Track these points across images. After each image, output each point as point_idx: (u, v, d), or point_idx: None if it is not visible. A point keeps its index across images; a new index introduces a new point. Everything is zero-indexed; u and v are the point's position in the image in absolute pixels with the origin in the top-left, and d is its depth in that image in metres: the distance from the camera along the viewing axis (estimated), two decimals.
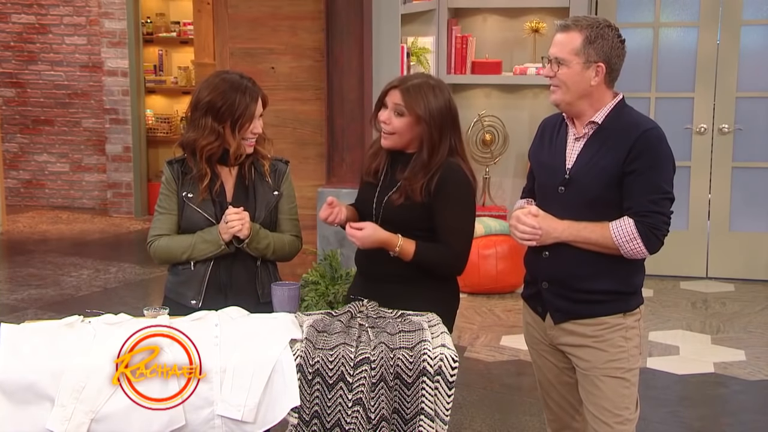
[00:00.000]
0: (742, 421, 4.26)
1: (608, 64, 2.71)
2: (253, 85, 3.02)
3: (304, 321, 2.76)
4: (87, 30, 8.66)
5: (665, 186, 2.71)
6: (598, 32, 2.69)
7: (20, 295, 6.15)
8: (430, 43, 6.07)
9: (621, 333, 2.81)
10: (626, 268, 2.78)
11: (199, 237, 2.99)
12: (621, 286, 2.79)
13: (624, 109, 2.79)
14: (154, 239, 3.04)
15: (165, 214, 3.05)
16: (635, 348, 2.84)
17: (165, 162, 3.10)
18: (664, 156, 2.72)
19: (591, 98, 2.74)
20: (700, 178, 6.33)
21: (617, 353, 2.81)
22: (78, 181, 8.93)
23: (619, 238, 2.68)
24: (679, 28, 6.34)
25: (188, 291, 3.02)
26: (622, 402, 2.83)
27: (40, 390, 2.44)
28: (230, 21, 5.48)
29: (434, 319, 2.79)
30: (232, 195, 3.05)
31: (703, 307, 5.85)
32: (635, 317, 2.84)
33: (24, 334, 2.64)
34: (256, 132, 3.00)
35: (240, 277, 3.04)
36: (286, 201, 3.12)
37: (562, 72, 2.72)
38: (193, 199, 3.01)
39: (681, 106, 6.30)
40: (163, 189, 3.06)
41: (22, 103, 8.87)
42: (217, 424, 2.48)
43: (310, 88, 5.42)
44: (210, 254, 2.99)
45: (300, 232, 3.17)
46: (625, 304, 2.81)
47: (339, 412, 2.53)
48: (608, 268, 2.76)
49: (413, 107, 2.88)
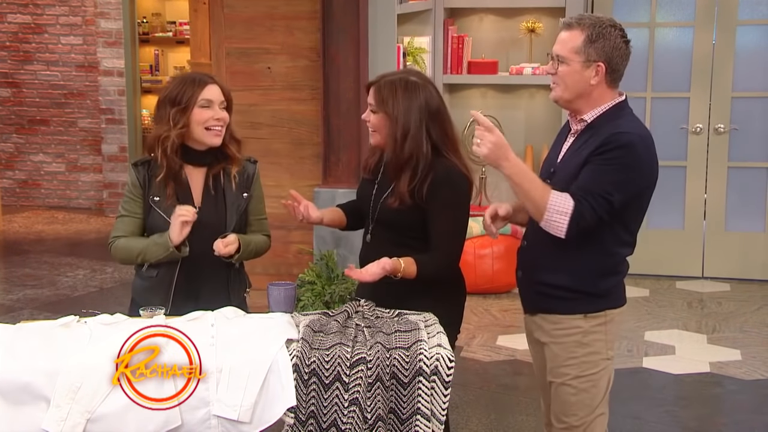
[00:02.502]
0: (738, 420, 4.26)
1: (609, 64, 2.69)
2: (206, 75, 3.05)
3: (301, 321, 2.76)
4: (83, 30, 8.64)
5: (609, 188, 2.61)
6: (600, 31, 2.67)
7: (16, 295, 6.14)
8: (426, 43, 6.08)
9: (576, 337, 2.76)
10: (593, 267, 2.73)
11: (151, 240, 2.98)
12: (582, 285, 2.74)
13: (620, 111, 2.74)
14: (114, 240, 3.05)
15: (128, 217, 3.03)
16: (594, 355, 2.76)
17: (130, 164, 3.07)
18: (628, 162, 2.62)
19: (590, 97, 2.73)
20: (695, 178, 6.34)
21: (566, 359, 2.77)
22: (74, 181, 8.91)
23: (553, 205, 2.61)
24: (674, 28, 6.35)
25: (154, 297, 2.98)
26: (566, 409, 2.80)
27: (36, 390, 2.44)
28: (226, 21, 5.48)
29: (431, 318, 2.79)
30: (200, 200, 3.02)
31: (699, 306, 5.85)
32: (598, 321, 2.76)
33: (20, 334, 2.64)
34: (218, 118, 2.96)
35: (210, 282, 3.03)
36: (255, 202, 3.12)
37: (562, 69, 2.71)
38: (160, 203, 2.98)
39: (677, 106, 6.31)
40: (127, 192, 3.04)
41: (17, 103, 8.86)
42: (213, 424, 2.48)
43: (306, 88, 5.42)
44: (161, 257, 2.95)
45: (269, 230, 3.18)
46: (585, 305, 2.75)
47: (335, 412, 2.53)
48: (572, 265, 2.73)
49: (382, 105, 2.90)
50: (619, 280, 2.81)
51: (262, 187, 3.17)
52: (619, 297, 2.83)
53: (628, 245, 2.80)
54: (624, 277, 2.85)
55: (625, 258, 2.83)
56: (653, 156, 2.72)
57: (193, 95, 2.95)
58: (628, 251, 2.81)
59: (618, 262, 2.79)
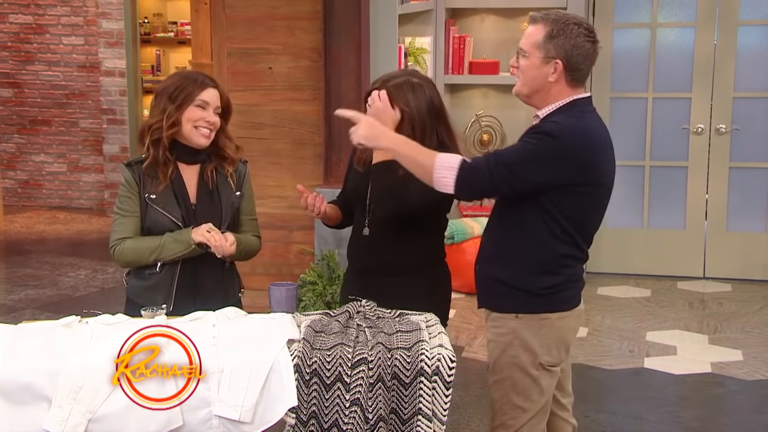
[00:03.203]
0: (739, 420, 4.26)
1: (568, 62, 2.63)
2: (209, 78, 3.06)
3: (302, 321, 2.76)
4: (84, 30, 8.65)
5: (516, 160, 2.56)
6: (561, 28, 2.61)
7: (17, 295, 6.14)
8: (427, 44, 6.08)
9: (507, 338, 2.71)
10: (528, 262, 2.68)
11: (169, 237, 2.98)
12: (517, 280, 2.69)
13: (572, 109, 2.65)
14: (118, 242, 3.01)
15: (127, 217, 3.02)
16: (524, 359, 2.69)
17: (122, 164, 3.07)
18: (549, 147, 2.55)
19: (548, 94, 2.67)
20: (697, 179, 6.34)
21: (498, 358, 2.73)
22: (75, 181, 8.92)
23: (440, 162, 2.59)
24: (676, 28, 6.34)
25: (157, 295, 2.99)
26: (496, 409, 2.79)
27: (37, 390, 2.44)
28: (228, 21, 5.48)
29: (432, 319, 2.79)
30: (195, 196, 3.04)
31: (700, 307, 5.85)
32: (531, 324, 2.69)
33: (21, 334, 2.64)
34: (209, 121, 2.99)
35: (207, 279, 3.05)
36: (247, 201, 3.14)
37: (522, 63, 2.68)
38: (156, 200, 2.99)
39: (678, 107, 6.30)
40: (122, 191, 3.03)
41: (19, 104, 8.86)
42: (214, 424, 2.48)
43: (307, 88, 5.42)
44: (178, 255, 2.97)
45: (259, 231, 3.19)
46: (517, 304, 2.70)
47: (336, 412, 2.53)
48: (509, 258, 2.69)
49: (395, 104, 2.92)
50: (559, 283, 2.70)
51: (263, 188, 3.18)
52: (560, 301, 2.72)
53: (569, 245, 2.68)
54: (570, 282, 2.72)
55: (571, 261, 2.71)
56: (595, 156, 2.63)
57: (192, 93, 2.97)
58: (570, 251, 2.69)
59: (556, 260, 2.68)
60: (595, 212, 2.72)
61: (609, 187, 2.72)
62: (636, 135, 6.34)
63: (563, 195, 2.61)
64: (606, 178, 2.69)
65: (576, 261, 2.74)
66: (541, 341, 2.72)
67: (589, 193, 2.65)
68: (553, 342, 2.73)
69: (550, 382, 2.77)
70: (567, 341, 2.78)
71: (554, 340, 2.73)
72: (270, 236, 3.29)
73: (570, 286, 2.74)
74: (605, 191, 2.71)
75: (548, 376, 2.76)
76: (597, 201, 2.70)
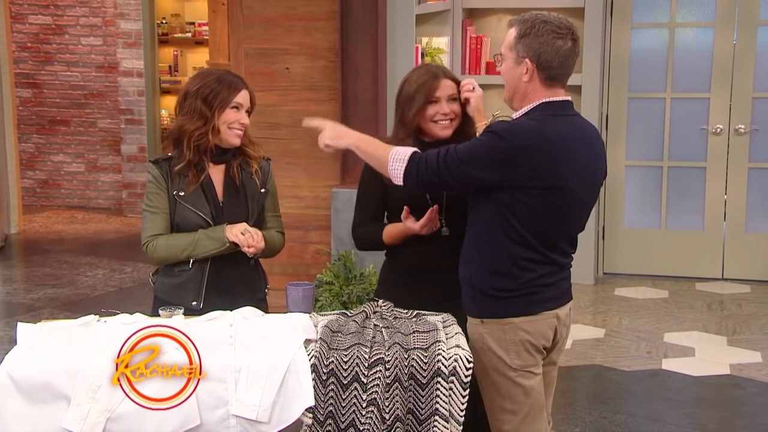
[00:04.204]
0: (758, 423, 4.23)
1: (537, 61, 2.61)
2: (240, 79, 3.10)
3: (319, 321, 2.76)
4: (103, 31, 8.69)
5: (462, 152, 2.58)
6: (530, 27, 2.62)
7: (36, 294, 6.18)
8: (444, 44, 6.07)
9: (479, 344, 2.69)
10: (487, 262, 2.66)
11: (202, 234, 3.00)
12: (477, 282, 2.68)
13: (542, 111, 2.62)
14: (151, 239, 3.03)
15: (157, 214, 3.04)
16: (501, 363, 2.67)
17: (149, 162, 3.10)
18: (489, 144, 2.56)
19: (524, 95, 2.66)
20: (715, 179, 6.30)
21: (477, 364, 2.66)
22: (93, 181, 8.97)
23: (393, 154, 2.66)
24: (695, 28, 6.31)
25: (187, 293, 3.03)
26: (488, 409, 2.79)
27: (56, 389, 2.45)
28: (245, 21, 5.49)
29: (449, 319, 2.79)
30: (222, 193, 3.07)
31: (718, 308, 5.82)
32: (495, 328, 2.67)
33: (40, 333, 2.65)
34: (243, 122, 3.03)
35: (234, 277, 3.07)
36: (271, 198, 3.19)
37: (501, 67, 2.72)
38: (185, 197, 3.02)
39: (697, 107, 6.27)
40: (151, 188, 3.05)
41: (38, 104, 8.92)
42: (231, 423, 2.49)
43: (324, 88, 5.42)
44: (212, 252, 3.00)
45: (283, 228, 3.23)
46: (481, 308, 2.69)
47: (353, 412, 2.53)
48: (472, 257, 2.69)
49: None
50: (517, 287, 2.65)
51: (280, 188, 3.24)
52: (524, 305, 2.67)
53: (525, 247, 2.63)
54: (533, 286, 2.66)
55: (529, 264, 2.64)
56: (548, 159, 2.56)
57: (227, 98, 3.01)
58: (527, 254, 2.63)
59: (511, 263, 2.63)
60: (554, 216, 2.63)
61: (571, 191, 2.62)
62: (654, 135, 6.31)
63: (513, 197, 2.59)
64: (564, 182, 2.59)
65: (536, 264, 2.66)
66: (507, 346, 2.68)
67: (542, 197, 2.59)
68: (522, 346, 2.68)
69: (532, 382, 2.72)
70: (537, 345, 2.71)
71: (521, 344, 2.68)
72: (287, 236, 3.29)
73: (533, 291, 2.67)
74: (565, 195, 2.61)
75: (527, 377, 2.71)
76: (555, 205, 2.61)
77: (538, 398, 2.75)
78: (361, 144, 2.77)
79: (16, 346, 2.60)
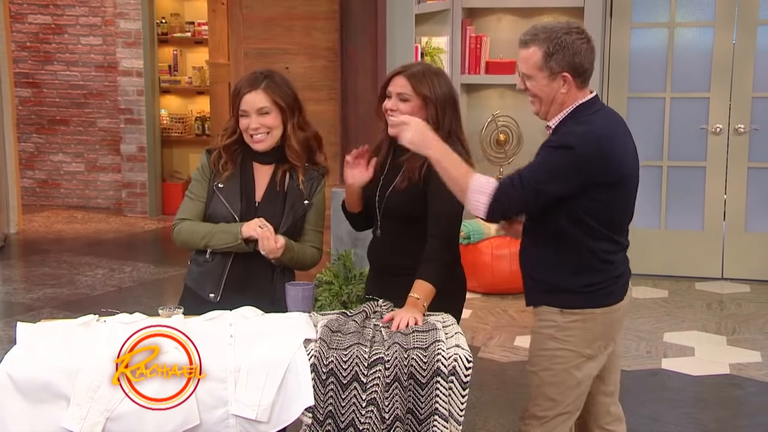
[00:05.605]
0: (758, 423, 4.23)
1: (574, 70, 2.71)
2: (248, 81, 3.03)
3: (319, 321, 2.76)
4: (102, 30, 8.69)
5: (539, 173, 2.65)
6: (556, 44, 2.69)
7: (36, 294, 6.18)
8: (444, 43, 6.07)
9: (550, 331, 2.80)
10: (567, 263, 2.76)
11: (222, 226, 3.01)
12: (558, 280, 2.78)
13: (579, 113, 2.74)
14: (178, 222, 3.08)
15: (193, 200, 3.08)
16: (566, 351, 2.79)
17: (204, 150, 3.14)
18: (556, 159, 2.66)
19: (561, 104, 2.76)
20: (715, 179, 6.30)
21: (539, 349, 2.83)
22: (93, 180, 8.96)
23: (474, 185, 2.66)
24: (694, 27, 6.31)
25: (208, 283, 3.05)
26: (532, 398, 2.88)
27: (56, 389, 2.46)
28: (245, 21, 5.49)
29: (449, 319, 2.79)
30: (262, 195, 3.06)
31: (718, 308, 5.82)
32: (574, 318, 2.78)
33: (40, 333, 2.66)
34: (253, 127, 3.00)
35: (258, 276, 3.05)
36: (314, 212, 3.12)
37: (531, 85, 2.76)
38: (222, 189, 3.04)
39: (696, 107, 6.27)
40: (196, 175, 3.11)
41: (38, 103, 8.92)
42: (231, 423, 2.49)
43: (324, 88, 5.42)
44: (226, 246, 2.99)
45: (322, 244, 3.17)
46: (560, 300, 2.78)
47: (353, 412, 2.53)
48: (549, 259, 2.78)
49: (420, 90, 2.94)
50: (600, 279, 2.78)
51: None
52: (602, 296, 2.80)
53: (607, 241, 2.77)
54: (612, 276, 2.81)
55: (611, 256, 2.80)
56: (611, 152, 2.69)
57: (235, 104, 3.03)
58: (609, 248, 2.78)
59: (595, 258, 2.76)
60: (623, 203, 2.80)
61: (631, 177, 2.80)
62: (654, 135, 6.31)
63: (588, 199, 2.69)
64: (626, 170, 2.77)
65: (612, 255, 2.80)
66: (585, 335, 2.79)
67: (612, 191, 2.73)
68: (597, 335, 2.81)
69: (586, 374, 2.83)
70: (610, 334, 2.86)
71: (598, 333, 2.81)
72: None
73: (612, 282, 2.81)
74: (628, 181, 2.79)
75: (585, 368, 2.82)
76: (622, 194, 2.78)
77: (582, 395, 2.86)
78: (443, 160, 2.71)
79: (16, 346, 2.61)
